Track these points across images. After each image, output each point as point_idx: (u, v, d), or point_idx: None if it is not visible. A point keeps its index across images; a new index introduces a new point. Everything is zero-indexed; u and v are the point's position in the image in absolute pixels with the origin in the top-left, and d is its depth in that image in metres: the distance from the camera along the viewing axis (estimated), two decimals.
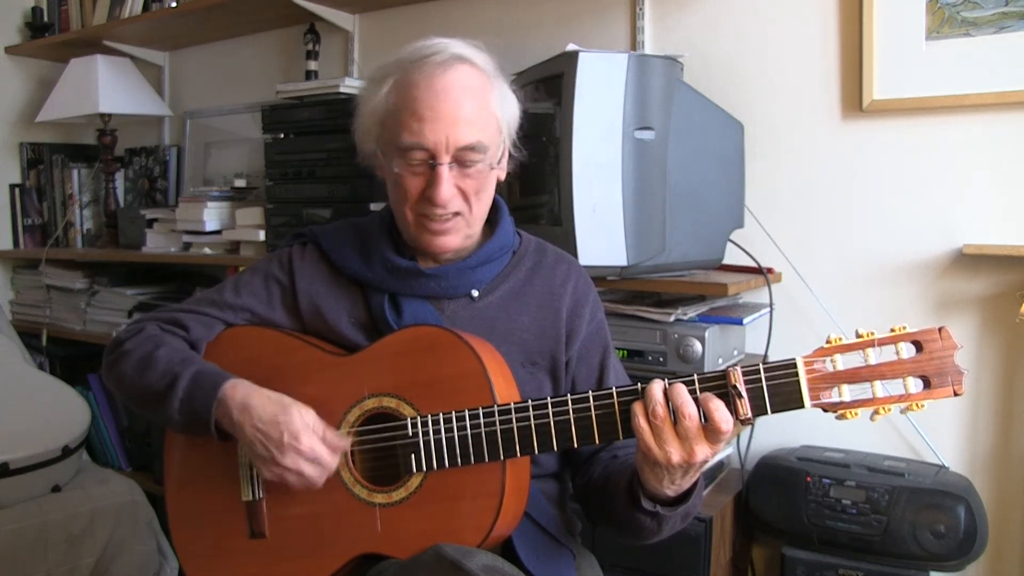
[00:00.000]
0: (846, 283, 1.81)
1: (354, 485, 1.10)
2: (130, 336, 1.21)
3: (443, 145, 1.09)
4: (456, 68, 1.10)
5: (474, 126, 1.10)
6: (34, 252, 2.96)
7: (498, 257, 1.21)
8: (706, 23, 1.94)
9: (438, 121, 1.08)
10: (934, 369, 0.94)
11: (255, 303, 1.24)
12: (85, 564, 2.01)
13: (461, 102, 1.09)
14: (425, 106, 1.09)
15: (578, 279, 1.24)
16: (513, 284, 1.22)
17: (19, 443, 1.99)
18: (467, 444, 1.05)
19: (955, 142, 1.70)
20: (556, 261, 1.25)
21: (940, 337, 0.94)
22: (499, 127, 1.15)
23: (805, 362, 0.96)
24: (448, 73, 1.10)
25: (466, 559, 0.95)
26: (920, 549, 1.54)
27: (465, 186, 1.13)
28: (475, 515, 1.04)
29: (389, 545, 1.07)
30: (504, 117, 1.16)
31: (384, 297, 1.18)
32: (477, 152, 1.11)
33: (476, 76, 1.12)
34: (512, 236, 1.25)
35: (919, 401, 0.94)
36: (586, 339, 1.22)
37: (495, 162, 1.16)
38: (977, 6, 1.64)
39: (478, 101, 1.11)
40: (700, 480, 1.06)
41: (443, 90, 1.09)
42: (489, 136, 1.12)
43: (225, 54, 2.85)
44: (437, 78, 1.09)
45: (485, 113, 1.12)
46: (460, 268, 1.18)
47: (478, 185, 1.13)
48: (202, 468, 1.19)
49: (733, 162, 1.79)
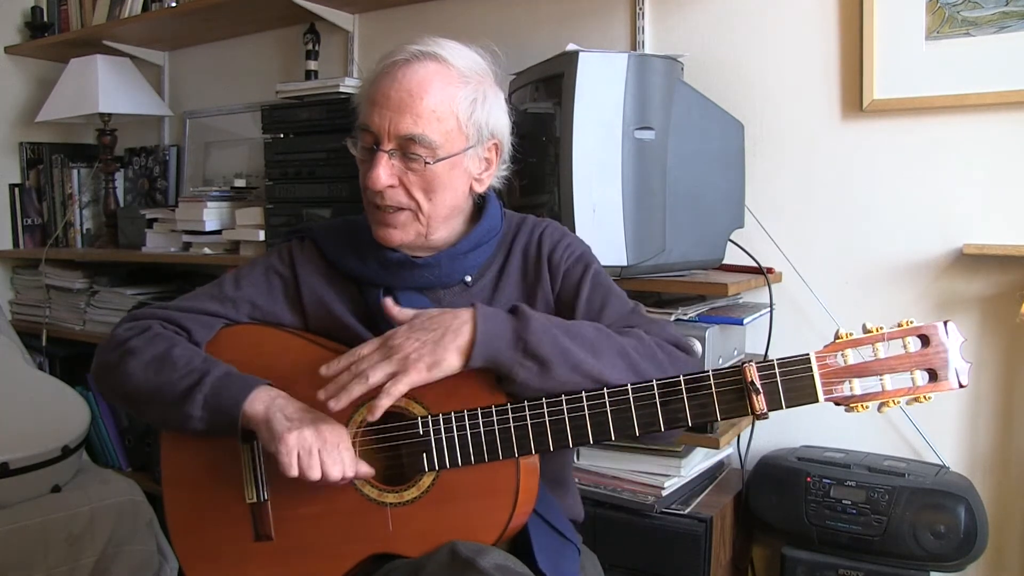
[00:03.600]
0: (846, 283, 1.81)
1: (364, 485, 1.10)
2: (134, 334, 1.18)
3: (385, 131, 1.11)
4: (422, 62, 1.12)
5: (421, 119, 1.10)
6: (34, 252, 2.96)
7: (487, 240, 1.22)
8: (706, 23, 1.94)
9: (386, 107, 1.10)
10: (940, 362, 0.97)
11: (256, 295, 1.24)
12: (85, 564, 2.01)
13: (415, 93, 1.10)
14: (380, 92, 1.11)
15: (551, 231, 1.25)
16: (499, 263, 1.23)
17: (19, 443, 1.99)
18: (481, 442, 1.05)
19: (955, 142, 1.70)
20: (533, 227, 1.26)
21: (945, 331, 0.97)
22: (459, 127, 1.13)
23: (818, 357, 0.98)
24: (412, 66, 1.11)
25: (480, 557, 0.96)
26: (920, 549, 1.54)
27: (408, 180, 1.13)
28: (489, 513, 1.04)
29: (401, 544, 1.07)
30: (475, 118, 1.14)
31: (379, 292, 1.18)
32: (419, 145, 1.10)
33: (443, 73, 1.12)
34: (499, 219, 1.25)
35: (926, 393, 0.97)
36: (565, 273, 1.21)
37: (447, 158, 1.13)
38: (977, 6, 1.64)
39: (436, 97, 1.11)
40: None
41: (400, 79, 1.11)
42: (438, 133, 1.11)
43: (225, 54, 2.85)
44: (399, 68, 1.11)
45: (440, 111, 1.11)
46: (451, 254, 1.19)
47: (424, 183, 1.13)
48: (201, 472, 1.17)
49: (733, 162, 1.79)
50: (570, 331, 1.06)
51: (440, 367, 1.03)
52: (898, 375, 0.98)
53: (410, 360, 1.02)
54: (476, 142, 1.16)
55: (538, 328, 1.03)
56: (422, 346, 1.03)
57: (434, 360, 1.02)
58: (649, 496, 1.66)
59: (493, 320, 1.04)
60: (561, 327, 1.06)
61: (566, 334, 1.05)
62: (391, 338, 1.06)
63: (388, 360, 1.03)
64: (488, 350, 1.02)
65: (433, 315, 1.07)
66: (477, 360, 1.02)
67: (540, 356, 1.02)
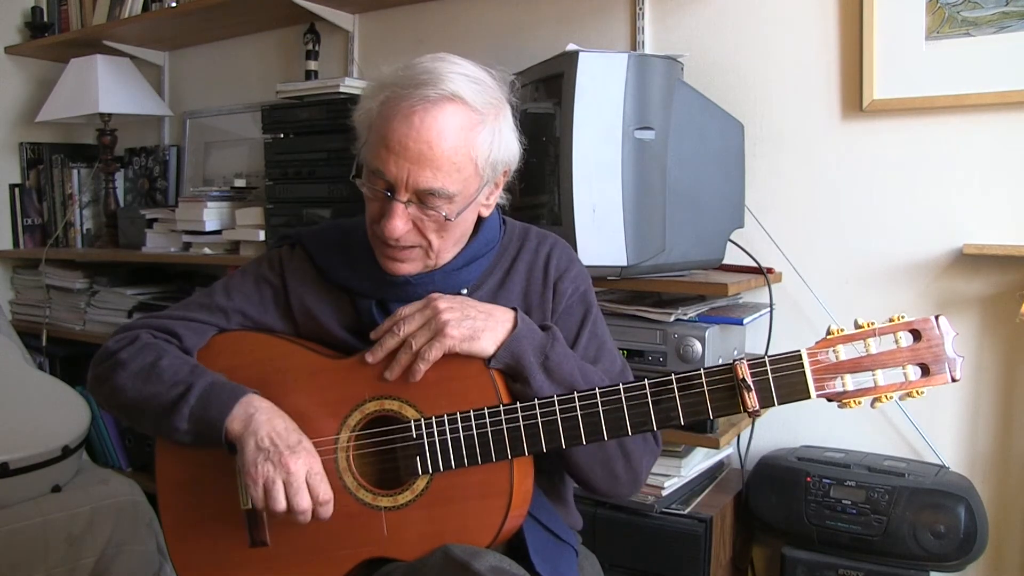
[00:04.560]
0: (846, 283, 1.81)
1: (357, 490, 1.10)
2: (123, 346, 1.18)
3: (403, 182, 1.07)
4: (442, 107, 1.05)
5: (440, 171, 1.06)
6: (34, 252, 2.96)
7: (484, 254, 1.21)
8: (706, 23, 1.94)
9: (403, 158, 1.05)
10: (932, 356, 0.96)
11: (247, 305, 1.23)
12: (85, 564, 2.01)
13: (433, 144, 1.05)
14: (396, 138, 1.05)
15: (560, 254, 1.23)
16: (499, 275, 1.21)
17: (19, 443, 1.99)
18: (474, 445, 1.05)
19: (955, 142, 1.70)
20: (539, 242, 1.24)
21: (937, 325, 0.96)
22: (477, 172, 1.10)
23: (809, 353, 0.98)
24: (431, 112, 1.05)
25: (475, 560, 0.96)
26: (920, 549, 1.54)
27: (424, 226, 1.10)
28: (484, 515, 1.04)
29: (396, 548, 1.07)
30: (492, 158, 1.11)
31: (372, 303, 1.18)
32: (438, 198, 1.08)
33: (462, 117, 1.07)
34: (496, 231, 1.23)
35: (919, 388, 0.97)
36: (566, 309, 1.21)
37: (464, 207, 1.12)
38: (977, 6, 1.64)
39: (454, 146, 1.06)
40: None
41: (418, 128, 1.05)
42: (457, 183, 1.08)
43: (225, 54, 2.85)
44: (417, 114, 1.05)
45: (459, 160, 1.07)
46: (446, 271, 1.17)
47: (440, 227, 1.11)
48: (197, 478, 1.17)
49: (733, 162, 1.79)
50: (585, 373, 1.12)
51: (472, 344, 1.07)
52: (890, 370, 0.97)
53: (449, 327, 1.07)
54: (490, 179, 1.14)
55: (561, 351, 1.10)
56: (463, 318, 1.08)
57: (472, 335, 1.07)
58: (649, 496, 1.66)
59: (530, 327, 1.11)
60: (579, 363, 1.12)
61: (580, 371, 1.11)
62: (434, 301, 1.10)
63: (427, 326, 1.08)
64: (517, 350, 1.07)
65: (480, 302, 1.13)
66: (504, 356, 1.07)
67: (553, 374, 1.08)
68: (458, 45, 2.11)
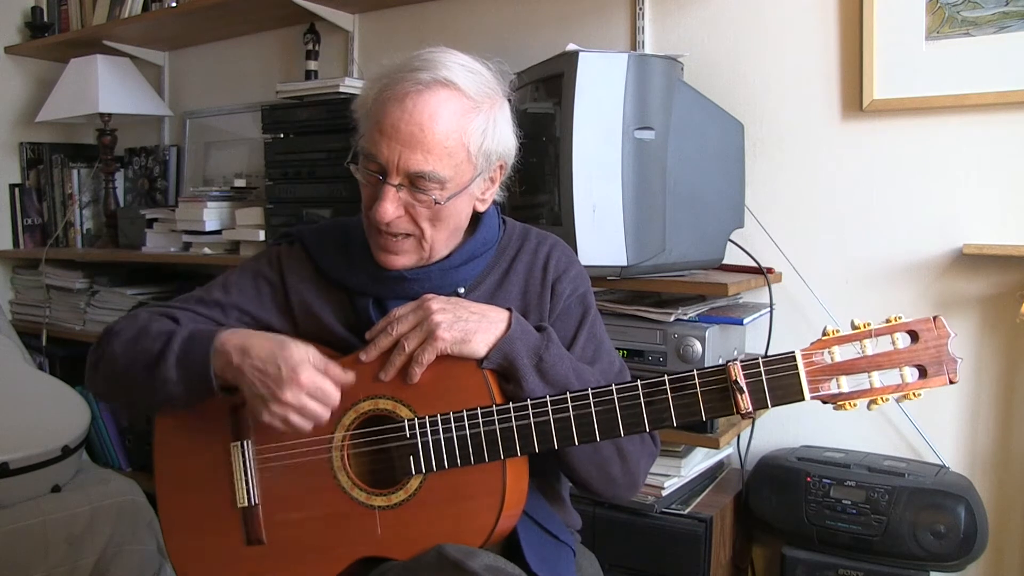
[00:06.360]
0: (846, 283, 1.81)
1: (352, 488, 1.10)
2: (119, 322, 1.21)
3: (394, 165, 1.08)
4: (434, 91, 1.07)
5: (431, 155, 1.07)
6: (34, 252, 2.96)
7: (482, 253, 1.20)
8: (706, 23, 1.94)
9: (395, 140, 1.07)
10: (929, 358, 0.95)
11: (245, 301, 1.23)
12: (85, 564, 2.01)
13: (425, 127, 1.06)
14: (389, 121, 1.07)
15: (559, 256, 1.23)
16: (497, 275, 1.21)
17: (19, 443, 1.99)
18: (467, 444, 1.05)
19: (955, 142, 1.70)
20: (538, 243, 1.24)
21: (935, 326, 0.95)
22: (469, 158, 1.11)
23: (804, 355, 0.97)
24: (424, 95, 1.06)
25: (468, 559, 0.96)
26: (920, 549, 1.54)
27: (416, 212, 1.11)
28: (477, 515, 1.04)
29: (390, 548, 1.07)
30: (485, 147, 1.12)
31: (369, 301, 1.18)
32: (429, 181, 1.08)
33: (456, 103, 1.08)
34: (495, 230, 1.23)
35: (916, 390, 0.95)
36: (564, 310, 1.21)
37: (457, 193, 1.12)
38: (977, 6, 1.64)
39: (446, 131, 1.07)
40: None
41: (411, 111, 1.06)
42: (449, 168, 1.08)
43: (225, 54, 2.85)
44: (411, 96, 1.06)
45: (451, 144, 1.08)
46: (443, 268, 1.17)
47: (432, 214, 1.11)
48: (194, 475, 1.17)
49: (733, 162, 1.79)
50: (581, 374, 1.11)
51: (464, 347, 1.07)
52: (887, 372, 0.95)
53: (440, 329, 1.06)
54: (483, 169, 1.14)
55: (556, 352, 1.10)
56: (456, 320, 1.07)
57: (464, 338, 1.07)
58: (649, 496, 1.66)
59: (524, 328, 1.10)
60: (574, 365, 1.11)
61: (576, 372, 1.10)
62: (427, 302, 1.10)
63: (420, 328, 1.08)
64: (510, 351, 1.07)
65: (475, 302, 1.12)
66: (496, 357, 1.07)
67: (547, 375, 1.07)
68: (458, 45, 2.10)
